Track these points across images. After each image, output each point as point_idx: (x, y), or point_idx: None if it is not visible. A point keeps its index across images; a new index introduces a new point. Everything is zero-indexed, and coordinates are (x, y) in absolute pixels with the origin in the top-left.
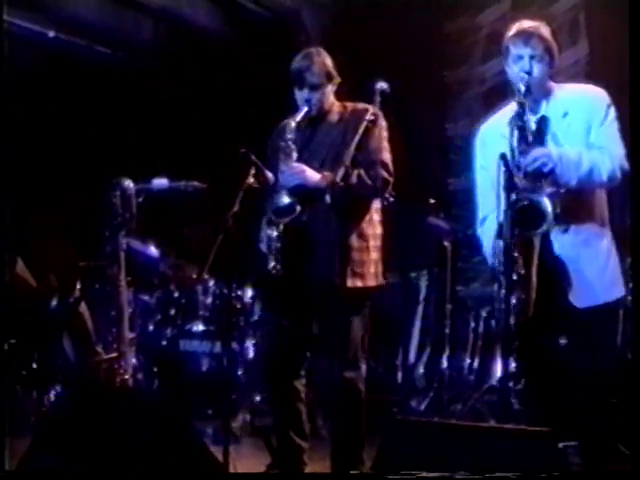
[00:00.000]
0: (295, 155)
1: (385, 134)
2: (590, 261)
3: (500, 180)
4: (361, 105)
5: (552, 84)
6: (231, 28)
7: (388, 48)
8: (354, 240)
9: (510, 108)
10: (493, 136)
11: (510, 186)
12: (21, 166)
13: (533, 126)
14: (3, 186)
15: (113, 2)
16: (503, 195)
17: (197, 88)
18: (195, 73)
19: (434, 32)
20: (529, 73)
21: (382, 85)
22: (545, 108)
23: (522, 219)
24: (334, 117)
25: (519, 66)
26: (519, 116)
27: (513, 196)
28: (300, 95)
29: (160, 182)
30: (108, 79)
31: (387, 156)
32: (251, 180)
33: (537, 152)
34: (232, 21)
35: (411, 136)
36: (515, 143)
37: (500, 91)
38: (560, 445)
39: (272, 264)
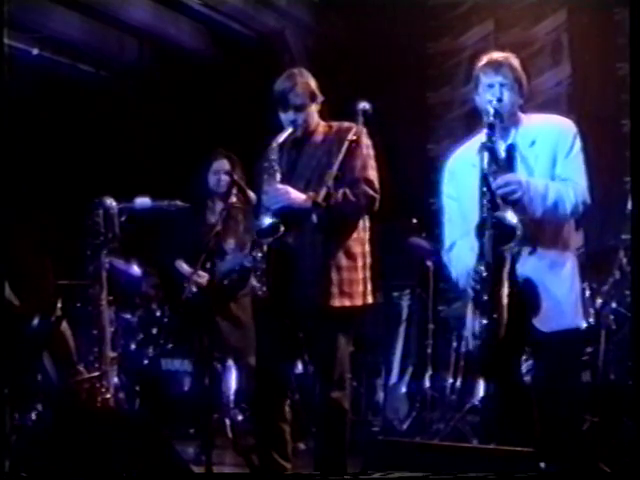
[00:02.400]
0: (279, 176)
1: (370, 152)
2: (554, 286)
3: (483, 202)
4: (346, 124)
5: (521, 115)
6: (215, 48)
7: (371, 69)
8: (343, 260)
9: (479, 138)
10: (463, 166)
11: (493, 207)
12: (2, 183)
13: (503, 153)
14: None
15: (97, 21)
16: (486, 215)
17: (181, 108)
18: (179, 93)
19: (417, 53)
20: (500, 100)
21: (364, 105)
22: (514, 136)
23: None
24: (319, 137)
25: (490, 93)
26: (489, 138)
27: (482, 215)
28: (285, 117)
29: (143, 201)
30: (92, 98)
31: (372, 173)
32: (233, 200)
33: (509, 177)
34: (216, 41)
35: (394, 156)
36: (485, 165)
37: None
38: (542, 465)
39: (257, 285)
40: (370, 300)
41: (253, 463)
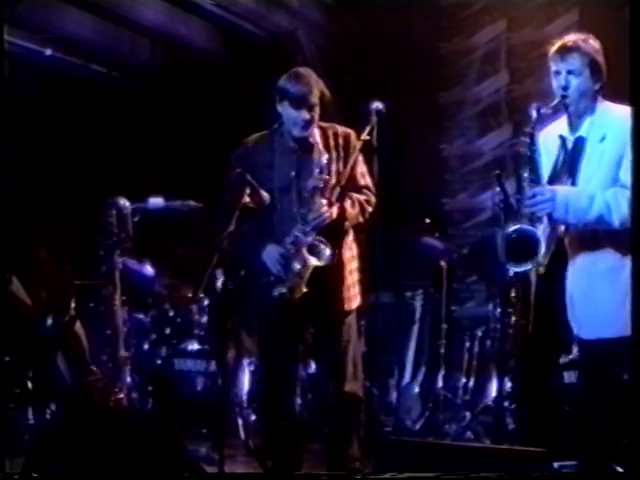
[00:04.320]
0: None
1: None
2: (606, 294)
3: (496, 200)
4: (341, 129)
5: (599, 100)
6: (227, 48)
7: (384, 69)
8: (339, 263)
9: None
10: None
11: (506, 207)
12: (17, 184)
13: (570, 145)
14: None
15: (109, 21)
16: (501, 216)
17: (193, 108)
18: (191, 93)
19: (429, 53)
20: (565, 88)
21: (378, 105)
22: (585, 128)
23: (514, 251)
24: (317, 136)
25: (557, 81)
26: (528, 147)
27: (508, 227)
28: (298, 115)
29: (156, 201)
30: (104, 98)
31: (370, 180)
32: (246, 200)
33: (538, 195)
34: (228, 41)
35: (407, 156)
36: (526, 172)
37: (495, 111)
38: (555, 465)
39: (280, 289)
40: (360, 302)
41: (265, 463)
